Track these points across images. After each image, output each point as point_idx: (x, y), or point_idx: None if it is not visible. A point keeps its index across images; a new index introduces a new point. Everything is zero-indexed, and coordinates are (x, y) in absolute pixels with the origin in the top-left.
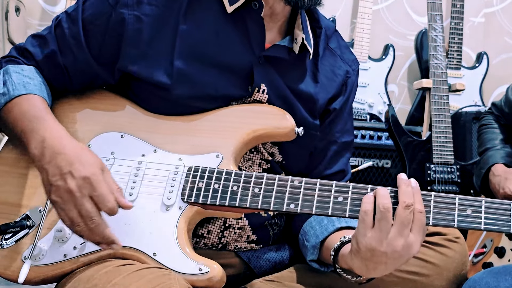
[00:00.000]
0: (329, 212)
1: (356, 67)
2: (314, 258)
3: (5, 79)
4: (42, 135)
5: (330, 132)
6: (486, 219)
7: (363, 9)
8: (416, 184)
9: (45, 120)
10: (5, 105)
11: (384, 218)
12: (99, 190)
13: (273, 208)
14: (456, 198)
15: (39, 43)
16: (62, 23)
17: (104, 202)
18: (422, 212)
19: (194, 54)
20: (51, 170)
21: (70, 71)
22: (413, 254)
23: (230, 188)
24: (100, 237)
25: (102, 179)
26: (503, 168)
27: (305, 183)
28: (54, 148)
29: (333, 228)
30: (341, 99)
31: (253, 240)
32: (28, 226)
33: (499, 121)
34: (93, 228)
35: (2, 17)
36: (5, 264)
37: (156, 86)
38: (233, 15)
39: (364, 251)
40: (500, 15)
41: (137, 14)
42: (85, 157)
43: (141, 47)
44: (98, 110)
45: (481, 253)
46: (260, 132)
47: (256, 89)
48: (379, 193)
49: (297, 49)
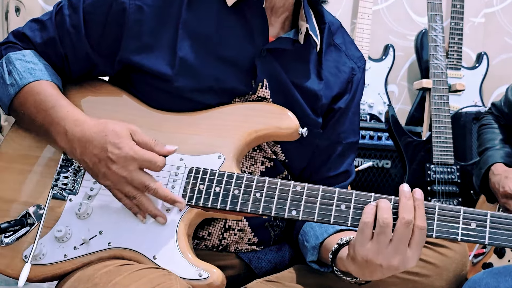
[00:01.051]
0: (331, 220)
1: (362, 64)
2: (314, 259)
3: (9, 68)
4: (63, 127)
5: (334, 133)
6: (490, 233)
7: (363, 9)
8: (421, 195)
9: (61, 107)
10: (16, 95)
11: (383, 233)
12: (143, 158)
13: (275, 214)
14: (461, 211)
15: (39, 27)
16: (63, 10)
17: (154, 164)
18: (423, 229)
19: (197, 46)
20: (89, 160)
21: (70, 59)
22: (409, 267)
23: (232, 192)
24: (162, 198)
25: (137, 148)
26: (503, 167)
27: (308, 189)
28: (80, 138)
29: (333, 229)
30: (347, 97)
31: (254, 242)
32: (29, 224)
33: (498, 121)
34: (152, 194)
35: (2, 17)
36: (6, 262)
37: (158, 78)
38: (234, 8)
39: (360, 261)
40: (500, 15)
41: (138, 3)
42: (112, 135)
43: (143, 37)
44: (98, 105)
45: (481, 254)
46: (263, 132)
47: (260, 85)
48: (381, 206)
49: (302, 39)
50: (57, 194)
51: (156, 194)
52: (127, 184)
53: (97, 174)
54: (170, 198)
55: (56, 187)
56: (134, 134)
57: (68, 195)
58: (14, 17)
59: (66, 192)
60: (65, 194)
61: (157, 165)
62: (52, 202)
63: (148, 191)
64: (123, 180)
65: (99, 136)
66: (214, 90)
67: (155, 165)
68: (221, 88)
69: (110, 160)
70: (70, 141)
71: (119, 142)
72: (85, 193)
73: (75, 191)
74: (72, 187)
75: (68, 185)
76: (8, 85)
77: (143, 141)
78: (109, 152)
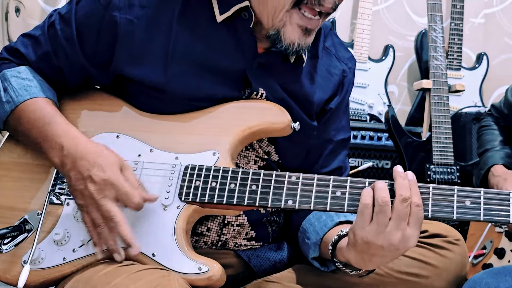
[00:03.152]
0: (327, 207)
1: (353, 65)
2: (316, 255)
3: (5, 85)
4: (60, 143)
5: (325, 131)
6: (485, 210)
7: (363, 9)
8: (413, 176)
9: (57, 124)
10: (11, 113)
11: (382, 212)
12: (122, 189)
13: (271, 204)
14: (455, 190)
15: (32, 43)
16: (55, 24)
17: (129, 199)
18: (420, 206)
19: (188, 57)
20: (73, 175)
21: (65, 72)
22: (409, 247)
23: (228, 186)
24: (121, 235)
25: (122, 178)
26: (503, 169)
27: (303, 178)
28: (73, 155)
29: (332, 223)
30: (337, 99)
31: (252, 237)
32: (27, 230)
33: (498, 123)
34: (113, 227)
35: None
36: (4, 268)
37: (151, 87)
38: (224, 23)
39: (361, 244)
40: (500, 15)
41: (129, 18)
42: (103, 158)
43: (135, 49)
44: (93, 111)
45: (481, 254)
46: (256, 128)
47: (255, 93)
48: (378, 186)
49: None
50: (54, 199)
51: (117, 228)
52: (97, 210)
53: (75, 190)
54: (127, 238)
55: (53, 192)
56: (125, 168)
57: (65, 200)
58: (14, 18)
59: (64, 197)
60: (62, 198)
61: (133, 201)
62: (49, 207)
63: (112, 222)
64: (94, 203)
65: (91, 156)
66: (207, 100)
67: (130, 200)
68: (213, 97)
69: (90, 179)
70: (64, 156)
71: (106, 167)
72: None
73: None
74: (69, 192)
75: (65, 189)
76: (4, 102)
77: (129, 178)
78: (92, 173)
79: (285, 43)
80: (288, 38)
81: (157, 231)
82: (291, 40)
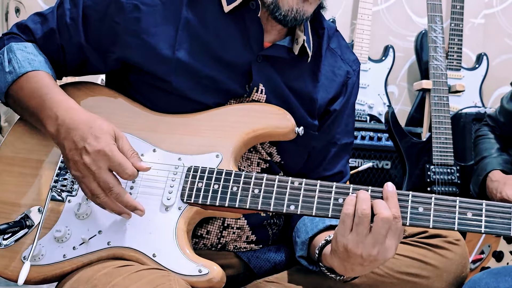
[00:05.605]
0: (329, 214)
1: (357, 68)
2: (304, 255)
3: (9, 57)
4: (55, 113)
5: (330, 134)
6: (486, 222)
7: (363, 10)
8: (393, 187)
9: (55, 94)
10: (13, 83)
11: (362, 223)
12: (115, 160)
13: (273, 209)
14: (457, 201)
15: (41, 20)
16: (64, 4)
17: (123, 170)
18: (397, 218)
19: (196, 46)
20: (67, 145)
21: (66, 51)
22: (388, 258)
23: (230, 189)
24: (123, 205)
25: (115, 149)
26: (501, 174)
27: (305, 184)
28: (68, 124)
29: (323, 225)
30: (341, 100)
31: (252, 240)
32: (28, 226)
33: (494, 132)
34: (114, 198)
35: (2, 18)
36: (4, 264)
37: (156, 76)
38: (231, 13)
39: (342, 252)
40: (500, 16)
41: (135, 2)
42: (97, 129)
43: (140, 36)
44: (96, 108)
45: (479, 259)
46: (260, 132)
47: (255, 89)
48: (360, 196)
49: (297, 50)
50: (56, 196)
51: (118, 199)
52: (94, 180)
53: (69, 161)
54: (131, 204)
55: (55, 188)
56: (118, 138)
57: (67, 197)
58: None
59: (65, 194)
60: (63, 195)
61: (126, 172)
62: (51, 204)
63: (111, 194)
64: (90, 174)
65: (85, 127)
66: (210, 90)
67: (124, 171)
68: (217, 88)
69: (85, 150)
70: (58, 125)
71: (99, 137)
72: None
73: (74, 192)
74: (71, 188)
75: (67, 186)
76: (7, 72)
77: (122, 148)
78: (86, 143)
79: (283, 10)
80: (287, 3)
81: (158, 231)
82: (289, 5)
